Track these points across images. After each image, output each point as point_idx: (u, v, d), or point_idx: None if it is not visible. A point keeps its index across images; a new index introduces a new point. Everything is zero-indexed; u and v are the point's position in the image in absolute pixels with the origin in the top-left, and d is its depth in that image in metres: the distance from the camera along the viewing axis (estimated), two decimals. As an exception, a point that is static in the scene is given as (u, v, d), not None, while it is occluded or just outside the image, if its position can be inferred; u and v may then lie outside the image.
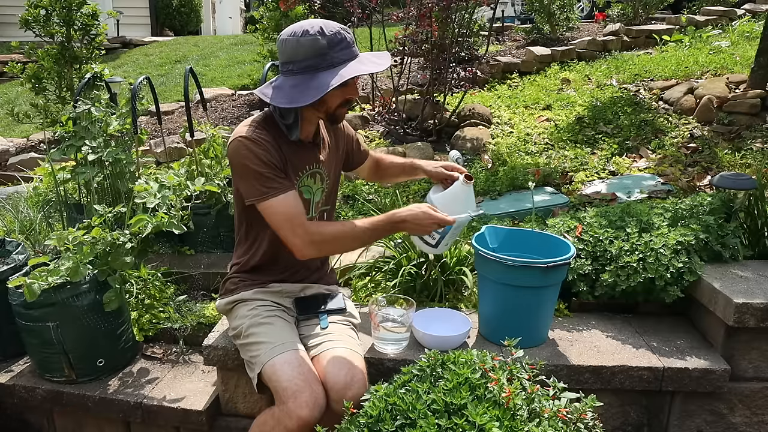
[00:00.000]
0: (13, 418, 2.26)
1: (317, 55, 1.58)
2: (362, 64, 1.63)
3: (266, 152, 1.64)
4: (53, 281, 1.98)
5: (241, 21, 13.69)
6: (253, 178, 1.64)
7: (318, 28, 1.58)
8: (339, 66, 1.60)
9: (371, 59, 1.66)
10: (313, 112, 1.71)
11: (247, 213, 1.78)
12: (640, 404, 1.98)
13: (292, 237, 1.66)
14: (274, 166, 1.65)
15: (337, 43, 1.59)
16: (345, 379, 1.59)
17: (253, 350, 1.70)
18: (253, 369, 1.68)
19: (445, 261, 2.26)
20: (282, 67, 1.65)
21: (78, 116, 2.66)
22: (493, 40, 6.49)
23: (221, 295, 1.91)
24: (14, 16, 5.21)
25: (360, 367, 1.65)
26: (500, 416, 1.23)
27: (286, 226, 1.65)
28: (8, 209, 3.15)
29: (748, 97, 3.70)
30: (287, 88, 1.63)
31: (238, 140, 1.65)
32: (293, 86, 1.62)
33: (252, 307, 1.80)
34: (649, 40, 5.89)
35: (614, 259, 2.06)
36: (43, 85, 4.54)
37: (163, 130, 4.78)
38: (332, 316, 1.84)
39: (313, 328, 1.79)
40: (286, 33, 1.62)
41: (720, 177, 2.25)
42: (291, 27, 1.63)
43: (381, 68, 1.66)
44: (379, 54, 1.69)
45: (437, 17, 3.95)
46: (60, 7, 4.40)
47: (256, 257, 1.86)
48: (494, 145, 3.82)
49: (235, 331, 1.80)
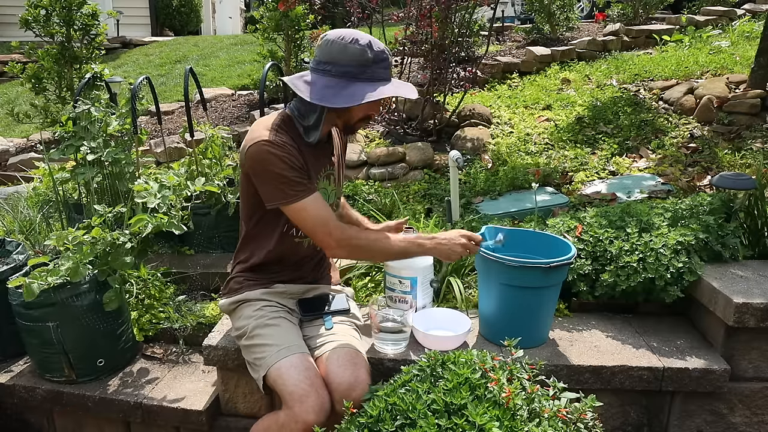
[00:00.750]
0: (13, 418, 2.26)
1: (360, 65, 1.61)
2: (397, 87, 1.66)
3: (290, 155, 1.64)
4: (53, 281, 1.98)
5: (241, 21, 13.69)
6: (279, 182, 1.64)
7: (367, 41, 1.62)
8: (377, 82, 1.63)
9: (402, 85, 1.71)
10: (334, 118, 1.73)
11: (259, 214, 1.78)
12: (640, 404, 1.98)
13: (326, 237, 1.67)
14: (299, 169, 1.65)
15: (381, 61, 1.63)
16: (349, 380, 1.59)
17: (257, 352, 1.69)
18: (257, 371, 1.68)
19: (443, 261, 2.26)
20: (318, 65, 1.65)
21: (78, 116, 2.66)
22: (493, 40, 6.49)
23: (225, 294, 1.91)
24: (14, 16, 5.21)
25: (364, 368, 1.65)
26: (500, 416, 1.24)
27: (320, 227, 1.67)
28: (8, 209, 3.15)
29: (748, 97, 3.70)
30: (320, 86, 1.63)
31: (260, 144, 1.63)
32: (327, 86, 1.62)
33: (257, 307, 1.79)
34: (649, 40, 5.89)
35: (614, 259, 2.07)
36: (43, 85, 4.54)
37: (163, 130, 4.78)
38: (336, 317, 1.84)
39: (317, 329, 1.79)
40: (334, 35, 1.63)
41: (720, 177, 2.25)
42: (340, 31, 1.65)
43: (412, 96, 1.71)
44: (408, 84, 1.74)
45: (437, 17, 3.95)
46: (60, 7, 4.40)
47: (261, 257, 1.85)
48: (494, 145, 3.82)
49: (239, 331, 1.79)
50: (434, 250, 1.76)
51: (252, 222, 1.84)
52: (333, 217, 1.70)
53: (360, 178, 3.64)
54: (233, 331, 1.86)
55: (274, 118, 1.73)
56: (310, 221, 1.67)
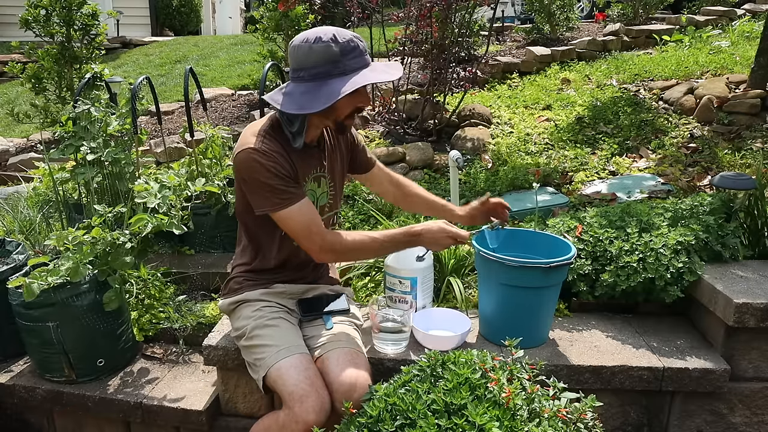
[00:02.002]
0: (13, 418, 2.26)
1: (329, 62, 1.57)
2: (374, 72, 1.62)
3: (276, 164, 1.63)
4: (53, 281, 1.98)
5: (241, 21, 13.68)
6: (265, 190, 1.63)
7: (331, 35, 1.57)
8: (351, 74, 1.59)
9: (383, 68, 1.65)
10: (322, 119, 1.70)
11: (253, 217, 1.78)
12: (640, 404, 1.98)
13: (309, 243, 1.68)
14: (285, 177, 1.64)
15: (350, 51, 1.58)
16: (350, 381, 1.59)
17: (257, 353, 1.69)
18: (257, 371, 1.68)
19: (443, 261, 2.26)
20: (293, 74, 1.64)
21: (78, 116, 2.66)
22: (493, 40, 6.48)
23: (224, 295, 1.91)
24: (14, 16, 5.21)
25: (365, 368, 1.65)
26: (500, 416, 1.24)
27: (303, 234, 1.67)
28: (8, 209, 3.15)
29: (748, 97, 3.70)
30: (297, 94, 1.61)
31: (247, 152, 1.63)
32: (303, 93, 1.60)
33: (257, 308, 1.79)
34: (649, 40, 5.89)
35: (614, 259, 2.06)
36: (43, 85, 4.54)
37: (163, 130, 4.78)
38: (336, 317, 1.84)
39: (317, 329, 1.79)
40: (298, 39, 1.61)
41: (720, 177, 2.25)
42: (304, 33, 1.61)
43: (392, 78, 1.65)
44: (391, 64, 1.68)
45: (437, 17, 3.95)
46: (60, 7, 4.40)
47: (263, 262, 1.85)
48: (494, 145, 3.82)
49: (239, 332, 1.79)
50: (420, 238, 1.73)
51: (250, 224, 1.84)
52: (317, 223, 1.69)
53: (360, 178, 3.63)
54: (233, 332, 1.86)
55: (263, 123, 1.72)
56: (294, 229, 1.68)
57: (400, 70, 1.67)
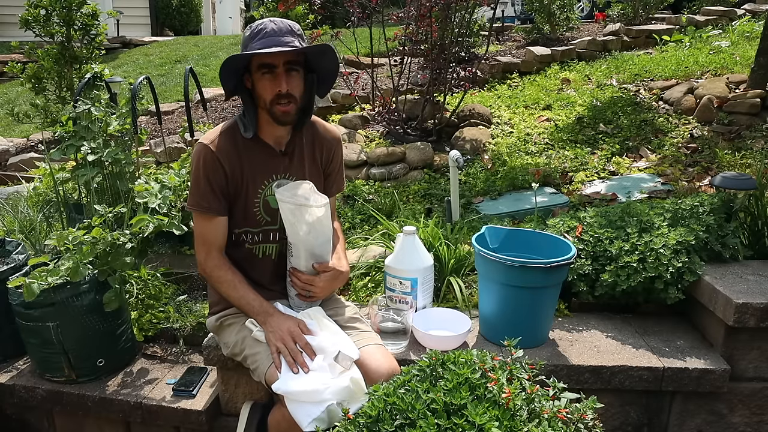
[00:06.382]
0: (13, 418, 2.26)
1: (243, 46, 1.70)
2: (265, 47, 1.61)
3: (213, 169, 1.71)
4: (53, 281, 1.98)
5: (241, 21, 13.68)
6: (193, 184, 1.74)
7: (257, 23, 1.68)
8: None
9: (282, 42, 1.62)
10: (263, 112, 1.73)
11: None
12: (640, 404, 1.98)
13: (198, 254, 1.80)
14: (215, 185, 1.72)
15: (257, 34, 1.65)
16: (388, 370, 1.66)
17: (251, 363, 1.72)
18: (257, 376, 1.70)
19: (444, 261, 2.26)
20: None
21: (78, 116, 2.66)
22: (493, 40, 6.48)
23: (209, 313, 1.93)
24: (14, 16, 5.21)
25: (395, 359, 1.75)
26: (500, 416, 1.23)
27: (200, 245, 1.78)
28: (8, 209, 3.15)
29: (748, 97, 3.69)
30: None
31: (199, 144, 1.74)
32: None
33: (241, 323, 1.78)
34: (649, 40, 5.89)
35: (614, 259, 2.06)
36: (43, 85, 4.54)
37: (163, 130, 4.78)
38: (350, 323, 1.83)
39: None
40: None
41: (720, 177, 2.25)
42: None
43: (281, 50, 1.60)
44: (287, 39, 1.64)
45: (437, 17, 3.95)
46: (60, 7, 4.40)
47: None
48: (494, 145, 3.82)
49: (228, 348, 1.82)
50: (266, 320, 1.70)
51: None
52: (219, 247, 1.78)
53: (360, 178, 3.64)
54: (224, 349, 1.86)
55: (230, 121, 1.79)
56: (196, 232, 1.78)
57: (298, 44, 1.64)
